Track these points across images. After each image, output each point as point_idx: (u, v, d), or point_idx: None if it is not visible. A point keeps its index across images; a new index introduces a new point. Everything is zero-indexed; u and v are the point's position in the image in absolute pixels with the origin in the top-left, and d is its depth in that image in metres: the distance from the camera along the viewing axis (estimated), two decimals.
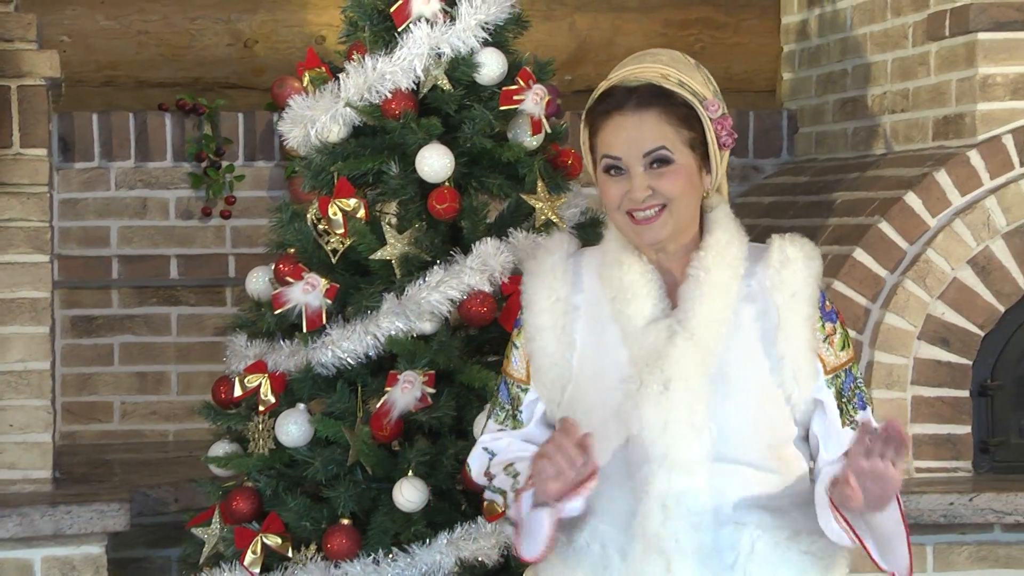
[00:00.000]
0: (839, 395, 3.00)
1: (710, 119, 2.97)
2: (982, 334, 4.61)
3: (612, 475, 2.97)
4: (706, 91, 2.99)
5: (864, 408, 3.01)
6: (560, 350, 3.02)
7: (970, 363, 4.60)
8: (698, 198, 2.99)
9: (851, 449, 2.82)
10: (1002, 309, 4.62)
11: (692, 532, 2.92)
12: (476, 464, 3.12)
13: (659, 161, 2.93)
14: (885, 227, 4.60)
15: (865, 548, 2.91)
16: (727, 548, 2.93)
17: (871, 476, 2.81)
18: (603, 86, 3.01)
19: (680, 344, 2.92)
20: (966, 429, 4.60)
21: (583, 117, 3.04)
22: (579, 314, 3.02)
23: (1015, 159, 4.64)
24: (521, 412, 3.09)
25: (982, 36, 4.67)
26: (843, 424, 2.99)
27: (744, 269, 2.97)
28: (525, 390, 3.08)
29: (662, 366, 2.91)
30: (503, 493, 3.04)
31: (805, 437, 3.03)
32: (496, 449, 3.09)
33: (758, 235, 3.06)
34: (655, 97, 2.95)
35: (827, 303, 3.01)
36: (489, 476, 3.07)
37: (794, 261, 2.97)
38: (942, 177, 4.62)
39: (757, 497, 2.96)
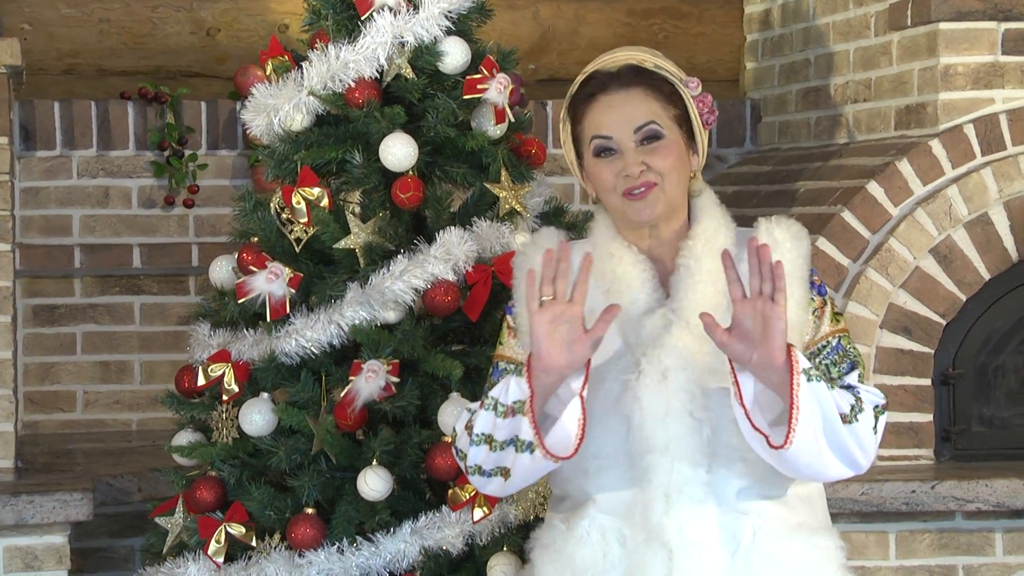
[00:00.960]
0: (819, 359, 2.98)
1: (692, 96, 3.00)
2: (944, 323, 4.63)
3: (613, 465, 2.98)
4: (681, 74, 3.01)
5: (850, 372, 2.99)
6: None
7: (932, 352, 4.62)
8: (687, 177, 3.02)
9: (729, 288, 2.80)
10: (964, 298, 4.64)
11: (694, 521, 2.93)
12: (460, 425, 3.05)
13: (650, 137, 2.95)
14: (848, 216, 4.61)
15: (743, 406, 2.84)
16: (729, 538, 2.94)
17: (752, 312, 2.78)
18: (581, 76, 3.01)
19: (676, 333, 2.93)
20: (928, 417, 4.62)
21: (564, 110, 3.04)
22: None
23: (976, 148, 4.66)
24: None
25: (943, 26, 4.69)
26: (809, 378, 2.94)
27: (733, 255, 2.98)
28: None
29: (660, 355, 2.92)
30: (488, 440, 2.95)
31: None
32: (475, 407, 3.03)
33: None
34: (638, 76, 2.97)
35: (815, 278, 3.02)
36: (469, 428, 2.99)
37: (782, 244, 2.97)
38: (904, 166, 4.64)
39: (760, 487, 2.97)
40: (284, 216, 3.83)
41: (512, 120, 3.87)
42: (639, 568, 2.94)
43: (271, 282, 3.75)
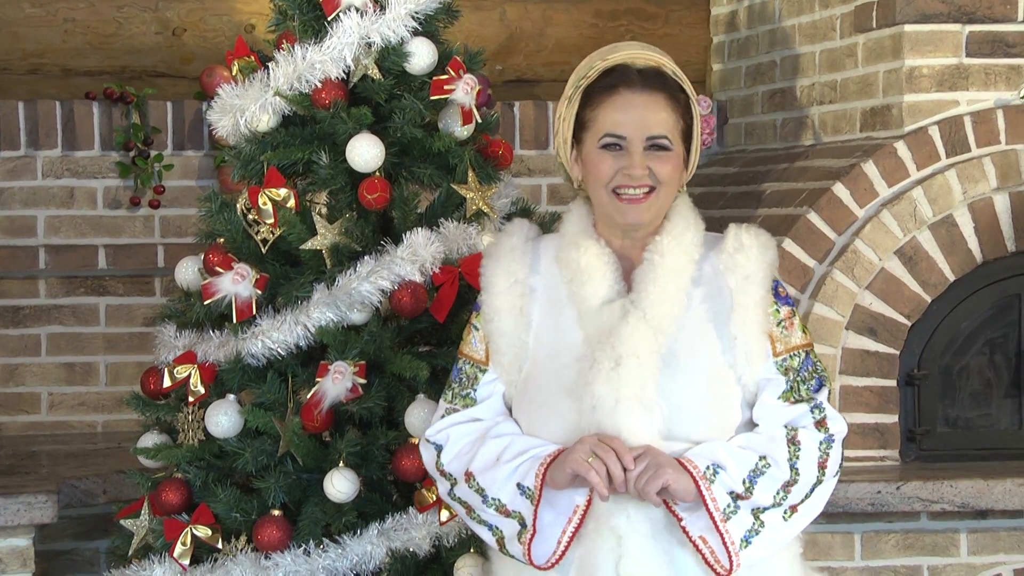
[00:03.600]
0: (794, 373, 3.03)
1: (700, 115, 3.06)
2: (909, 324, 4.65)
3: None
4: (690, 86, 3.06)
5: (819, 390, 3.04)
6: (517, 331, 3.08)
7: (897, 353, 4.64)
8: (677, 190, 3.06)
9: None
10: (928, 299, 4.66)
11: (643, 509, 2.96)
12: (426, 454, 3.19)
13: (658, 147, 2.99)
14: (814, 218, 4.63)
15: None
16: (678, 527, 2.96)
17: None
18: (603, 65, 3.03)
19: (632, 323, 2.97)
20: (893, 418, 4.64)
21: (575, 92, 3.05)
22: (536, 295, 3.08)
23: (941, 150, 4.68)
24: (475, 391, 3.13)
25: (908, 28, 4.71)
26: (787, 398, 3.01)
27: (699, 255, 3.04)
28: (483, 371, 3.13)
29: (613, 343, 2.96)
30: (464, 504, 3.10)
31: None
32: (440, 441, 3.15)
33: None
34: (662, 82, 3.01)
35: (781, 289, 3.07)
36: (443, 473, 3.14)
37: (749, 248, 3.03)
38: (870, 168, 4.65)
39: None
40: (250, 217, 3.82)
41: (479, 121, 3.87)
42: (589, 555, 2.97)
43: (237, 283, 3.75)
